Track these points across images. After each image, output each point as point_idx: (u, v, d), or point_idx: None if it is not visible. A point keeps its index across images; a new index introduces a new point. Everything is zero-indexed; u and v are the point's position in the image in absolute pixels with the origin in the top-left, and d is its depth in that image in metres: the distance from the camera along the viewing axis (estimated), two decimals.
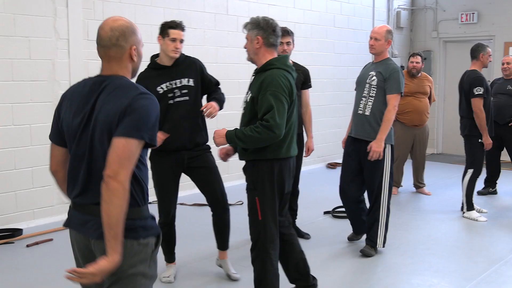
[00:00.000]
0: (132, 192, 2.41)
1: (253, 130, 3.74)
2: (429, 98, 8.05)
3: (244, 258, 4.58)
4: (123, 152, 2.30)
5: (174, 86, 4.51)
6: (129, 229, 2.39)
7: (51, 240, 5.86)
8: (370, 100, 5.29)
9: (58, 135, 2.61)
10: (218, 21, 8.15)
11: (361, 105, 5.34)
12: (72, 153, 2.54)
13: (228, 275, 4.78)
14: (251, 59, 4.02)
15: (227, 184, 4.70)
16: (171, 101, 4.49)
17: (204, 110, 4.41)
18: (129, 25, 2.53)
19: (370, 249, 5.42)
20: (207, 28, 7.95)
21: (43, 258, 5.39)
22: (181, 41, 4.49)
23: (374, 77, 5.28)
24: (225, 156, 4.22)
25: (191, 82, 4.54)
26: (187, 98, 4.52)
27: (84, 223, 2.50)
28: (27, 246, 5.67)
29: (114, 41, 2.47)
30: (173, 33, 4.42)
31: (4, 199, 6.13)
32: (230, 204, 4.80)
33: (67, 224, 2.62)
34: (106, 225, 2.29)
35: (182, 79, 4.53)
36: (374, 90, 5.27)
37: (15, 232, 5.94)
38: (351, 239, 5.80)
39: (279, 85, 3.77)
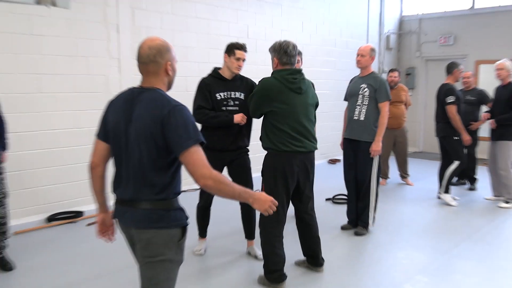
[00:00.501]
0: (166, 190, 2.40)
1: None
2: (405, 104, 8.09)
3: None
4: (197, 159, 2.28)
5: (228, 97, 4.49)
6: (159, 220, 2.38)
7: None
8: (364, 108, 5.31)
9: (104, 133, 2.53)
10: None
11: (356, 112, 5.35)
12: (114, 154, 2.50)
13: (255, 256, 4.74)
14: None
15: None
16: (223, 108, 4.47)
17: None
18: (165, 44, 2.45)
19: (363, 230, 5.45)
20: None
21: None
22: (244, 60, 4.49)
23: (366, 89, 5.30)
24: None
25: (242, 96, 4.52)
26: (237, 108, 4.49)
27: (124, 214, 2.48)
28: (87, 225, 5.80)
29: (152, 57, 2.42)
30: (238, 53, 4.43)
31: (69, 187, 6.24)
32: None
33: (113, 215, 2.62)
34: (232, 198, 2.37)
35: (236, 92, 4.52)
36: (367, 100, 5.30)
37: (78, 214, 6.07)
38: (344, 228, 5.65)
39: (260, 87, 3.99)
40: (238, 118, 4.39)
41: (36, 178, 5.94)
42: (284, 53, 3.94)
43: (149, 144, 2.33)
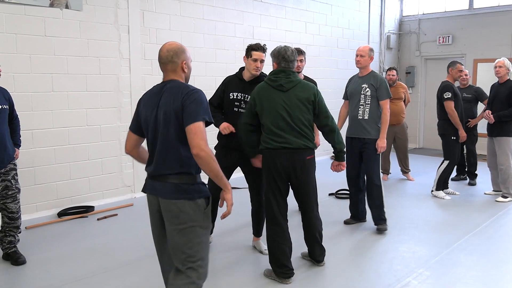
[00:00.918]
0: (190, 164, 2.66)
1: None
2: (405, 101, 7.96)
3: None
4: (199, 132, 2.53)
5: (241, 98, 4.32)
6: (186, 192, 2.64)
7: (116, 215, 5.91)
8: (367, 107, 5.19)
9: (136, 126, 2.86)
10: (246, 44, 8.01)
11: (360, 112, 5.22)
12: (147, 138, 2.80)
13: (261, 251, 4.62)
14: None
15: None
16: (235, 109, 4.31)
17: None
18: (180, 46, 2.79)
19: (385, 225, 5.28)
20: (237, 49, 7.91)
21: (110, 228, 5.43)
22: (262, 61, 4.26)
23: (368, 89, 5.18)
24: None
25: None
26: None
27: (154, 188, 2.73)
28: (98, 219, 5.72)
29: (170, 58, 2.74)
30: (255, 54, 4.23)
31: (80, 183, 6.18)
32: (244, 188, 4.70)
33: (143, 189, 2.83)
34: (214, 178, 2.61)
35: (249, 96, 4.22)
36: (369, 99, 5.18)
37: (89, 209, 6.00)
38: (347, 223, 5.55)
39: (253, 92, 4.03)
40: (221, 126, 4.23)
41: (48, 174, 5.88)
42: (282, 58, 3.94)
43: (175, 123, 2.62)
